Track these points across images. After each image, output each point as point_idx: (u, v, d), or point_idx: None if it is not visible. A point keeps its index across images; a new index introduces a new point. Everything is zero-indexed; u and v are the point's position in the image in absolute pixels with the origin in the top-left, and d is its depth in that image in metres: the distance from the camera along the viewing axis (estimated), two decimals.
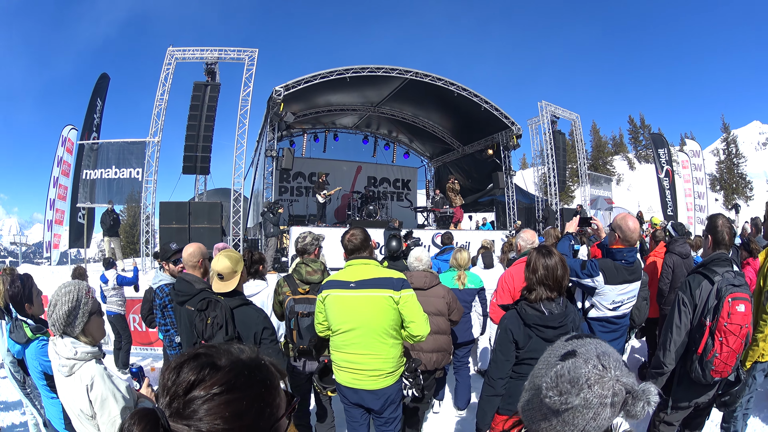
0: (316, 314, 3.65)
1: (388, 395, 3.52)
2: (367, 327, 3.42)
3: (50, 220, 17.21)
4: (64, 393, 2.69)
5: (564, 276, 3.11)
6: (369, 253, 3.66)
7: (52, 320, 2.65)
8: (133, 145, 15.77)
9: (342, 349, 3.52)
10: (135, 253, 27.13)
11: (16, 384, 4.27)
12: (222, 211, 15.05)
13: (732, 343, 3.22)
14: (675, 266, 6.05)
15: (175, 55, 15.80)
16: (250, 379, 0.99)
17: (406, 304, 3.43)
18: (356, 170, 24.46)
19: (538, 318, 3.06)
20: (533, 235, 5.09)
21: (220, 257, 3.49)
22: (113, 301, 8.18)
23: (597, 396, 1.12)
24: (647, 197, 55.86)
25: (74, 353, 2.62)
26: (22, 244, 24.92)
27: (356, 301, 3.45)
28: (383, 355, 3.47)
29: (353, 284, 3.47)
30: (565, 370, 1.15)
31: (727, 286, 3.30)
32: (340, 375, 3.58)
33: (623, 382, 1.14)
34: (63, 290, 2.69)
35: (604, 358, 1.17)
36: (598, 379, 1.13)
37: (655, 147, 26.28)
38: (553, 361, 1.24)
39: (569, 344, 1.27)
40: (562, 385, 1.14)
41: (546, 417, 1.20)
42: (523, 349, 3.12)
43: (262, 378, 1.02)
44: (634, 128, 79.75)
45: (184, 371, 0.97)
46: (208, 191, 17.83)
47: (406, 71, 17.71)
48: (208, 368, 0.97)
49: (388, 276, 3.50)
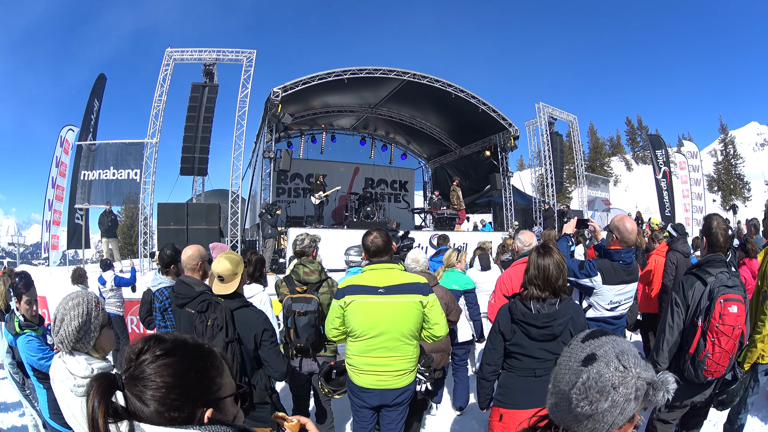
0: (332, 319, 3.61)
1: (410, 390, 3.62)
2: (396, 331, 3.46)
3: (48, 221, 17.17)
4: (71, 409, 2.43)
5: (558, 277, 3.15)
6: (390, 257, 3.69)
7: (60, 337, 2.46)
8: (131, 146, 15.77)
9: (366, 354, 3.52)
10: (133, 254, 27.09)
11: (16, 385, 4.28)
12: (220, 213, 15.04)
13: (724, 344, 3.25)
14: (678, 263, 6.13)
15: (174, 56, 15.81)
16: (190, 351, 1.21)
17: (432, 308, 3.51)
18: (354, 171, 24.47)
19: (522, 314, 3.14)
20: (531, 236, 5.11)
21: (220, 259, 3.50)
22: (112, 303, 8.19)
23: (623, 396, 1.20)
24: (645, 198, 55.93)
25: (91, 371, 2.45)
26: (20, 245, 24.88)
27: (386, 307, 3.46)
28: (408, 355, 3.54)
29: (382, 290, 3.48)
30: (592, 381, 1.21)
31: (720, 287, 3.33)
32: (362, 378, 3.56)
33: (644, 377, 1.22)
34: (70, 303, 2.51)
35: (623, 357, 1.24)
36: (622, 380, 1.20)
37: (652, 148, 26.36)
38: (575, 366, 1.28)
39: (587, 345, 1.32)
40: (591, 395, 1.21)
41: (577, 419, 1.25)
42: (509, 342, 3.23)
43: (201, 354, 1.22)
44: (631, 129, 79.87)
45: (137, 343, 1.20)
46: (205, 192, 17.83)
47: (403, 72, 17.70)
48: (154, 339, 1.21)
49: (416, 281, 3.57)
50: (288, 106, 17.40)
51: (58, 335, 2.47)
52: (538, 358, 3.11)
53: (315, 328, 4.10)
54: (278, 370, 3.51)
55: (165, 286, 4.67)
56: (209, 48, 16.06)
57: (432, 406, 5.88)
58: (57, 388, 2.51)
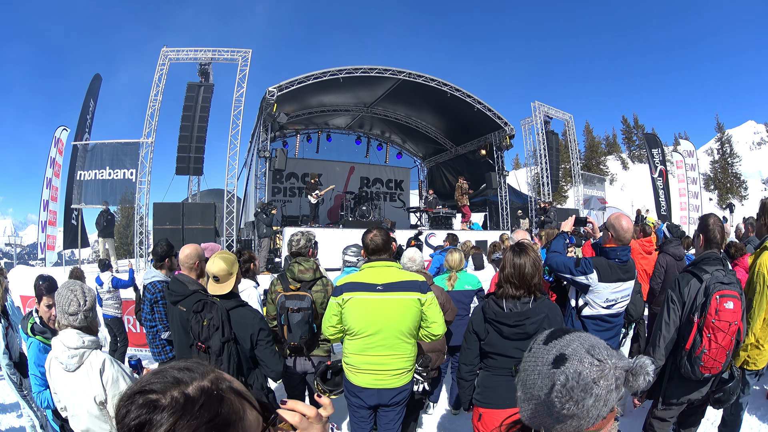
0: (329, 316, 3.62)
1: (407, 389, 3.62)
2: (394, 329, 3.47)
3: (44, 222, 17.10)
4: (70, 390, 2.78)
5: (534, 275, 3.17)
6: (390, 255, 3.70)
7: (79, 320, 2.85)
8: (127, 146, 15.72)
9: (364, 352, 3.52)
10: (129, 254, 27.04)
11: (13, 386, 4.28)
12: (215, 212, 15.03)
13: (721, 340, 3.27)
14: (668, 267, 6.09)
15: (169, 56, 15.78)
16: (193, 421, 0.89)
17: (430, 306, 3.52)
18: (349, 171, 24.52)
19: (494, 313, 3.17)
20: (524, 234, 5.13)
21: (215, 259, 3.50)
22: (109, 305, 8.15)
23: (605, 388, 1.18)
24: (641, 197, 55.93)
25: (82, 342, 2.78)
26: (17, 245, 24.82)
27: (384, 304, 3.47)
28: (406, 354, 3.55)
29: (380, 287, 3.50)
30: (573, 381, 1.19)
31: (716, 284, 3.37)
32: (359, 377, 3.56)
33: (621, 366, 1.20)
34: (80, 290, 2.91)
35: (595, 351, 1.22)
36: (601, 373, 1.18)
37: (648, 147, 26.41)
38: (546, 370, 1.26)
39: (552, 347, 1.29)
40: (576, 395, 1.18)
41: (560, 420, 1.23)
42: (483, 342, 3.25)
43: (210, 417, 0.91)
44: (627, 128, 79.82)
45: (130, 411, 0.90)
46: (201, 192, 17.77)
47: (399, 72, 17.72)
48: (147, 411, 0.89)
49: (414, 279, 3.59)
50: (283, 106, 17.43)
51: (75, 317, 2.83)
52: (513, 357, 3.09)
53: (309, 325, 4.09)
54: (274, 369, 3.52)
55: (158, 279, 4.69)
56: (204, 47, 16.07)
57: (429, 405, 5.89)
58: (52, 373, 2.89)
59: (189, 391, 0.92)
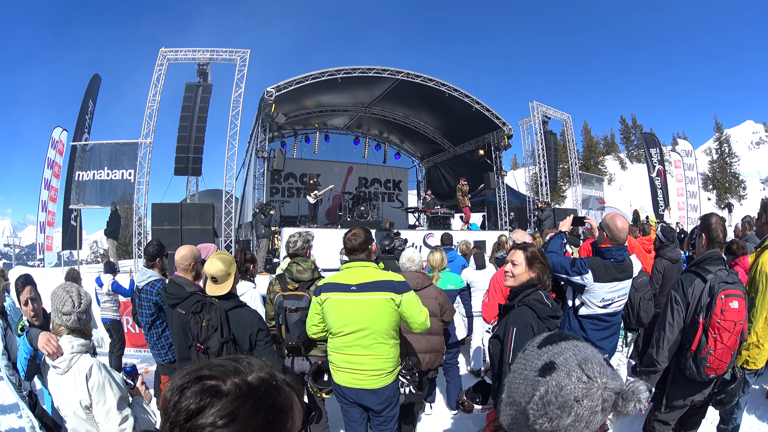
0: (311, 315, 3.67)
1: (387, 394, 3.59)
2: (370, 329, 3.48)
3: (42, 222, 17.10)
4: (61, 392, 2.77)
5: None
6: (367, 255, 3.71)
7: (72, 321, 2.84)
8: (125, 146, 15.67)
9: (343, 351, 3.56)
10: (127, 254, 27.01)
11: (12, 387, 4.27)
12: (214, 213, 15.00)
13: (726, 340, 3.26)
14: (665, 271, 6.10)
15: (167, 56, 15.73)
16: (256, 407, 0.91)
17: (408, 306, 3.51)
18: (347, 171, 24.51)
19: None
20: (524, 235, 5.14)
21: (213, 260, 3.50)
22: (107, 307, 8.12)
23: (587, 408, 1.07)
24: (639, 197, 55.96)
25: (71, 347, 2.75)
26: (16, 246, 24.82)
27: (358, 304, 3.49)
28: (384, 355, 3.54)
29: (354, 287, 3.52)
30: (551, 395, 1.08)
31: (720, 283, 3.35)
32: (339, 375, 3.61)
33: (611, 387, 1.09)
34: (76, 291, 2.90)
35: (587, 366, 1.11)
36: (586, 392, 1.07)
37: (646, 147, 26.40)
38: (532, 376, 1.16)
39: (544, 352, 1.19)
40: (551, 411, 1.08)
41: None
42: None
43: (270, 404, 0.94)
44: (625, 128, 79.79)
45: (185, 396, 0.90)
46: (199, 192, 17.73)
47: (397, 72, 17.70)
48: (210, 395, 0.89)
49: (388, 279, 3.57)
50: (281, 106, 17.40)
51: (67, 319, 2.83)
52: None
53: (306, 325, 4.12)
54: None
55: (155, 279, 4.68)
56: (203, 48, 16.01)
57: (426, 405, 5.91)
58: (48, 374, 2.92)
59: (250, 379, 0.96)
